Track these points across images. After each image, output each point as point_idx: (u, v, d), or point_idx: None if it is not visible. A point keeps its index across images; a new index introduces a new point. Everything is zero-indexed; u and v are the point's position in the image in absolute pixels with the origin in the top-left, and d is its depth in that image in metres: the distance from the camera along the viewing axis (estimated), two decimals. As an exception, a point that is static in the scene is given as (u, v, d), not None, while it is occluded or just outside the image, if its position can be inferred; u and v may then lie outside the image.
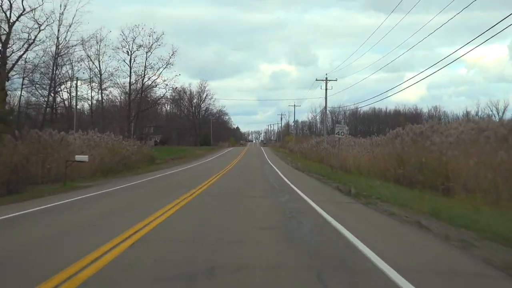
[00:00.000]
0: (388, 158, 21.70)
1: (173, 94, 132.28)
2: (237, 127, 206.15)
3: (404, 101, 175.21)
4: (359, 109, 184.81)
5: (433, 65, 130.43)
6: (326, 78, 47.19)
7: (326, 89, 47.07)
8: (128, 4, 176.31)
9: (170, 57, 54.46)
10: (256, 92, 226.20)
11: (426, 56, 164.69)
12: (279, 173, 25.57)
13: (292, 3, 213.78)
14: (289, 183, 19.12)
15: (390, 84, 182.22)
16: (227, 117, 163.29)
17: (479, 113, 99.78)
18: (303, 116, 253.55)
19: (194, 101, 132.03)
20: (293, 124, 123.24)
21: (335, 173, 22.99)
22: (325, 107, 47.47)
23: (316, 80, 47.56)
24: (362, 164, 23.63)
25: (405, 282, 4.98)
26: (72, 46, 46.30)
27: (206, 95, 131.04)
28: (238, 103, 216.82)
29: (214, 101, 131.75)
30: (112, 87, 54.63)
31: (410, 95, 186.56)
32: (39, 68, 43.00)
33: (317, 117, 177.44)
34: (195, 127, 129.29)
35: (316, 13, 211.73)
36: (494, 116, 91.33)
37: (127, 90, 55.14)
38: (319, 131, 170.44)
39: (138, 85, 55.59)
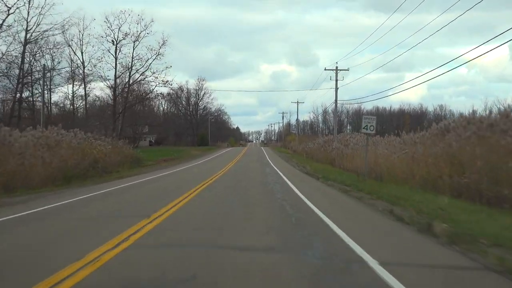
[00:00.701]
0: (435, 160, 15.90)
1: (171, 92, 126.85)
2: (237, 127, 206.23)
3: (408, 101, 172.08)
4: (363, 108, 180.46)
5: (436, 67, 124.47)
6: (336, 67, 41.41)
7: (336, 80, 41.29)
8: (127, 3, 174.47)
9: (161, 47, 48.79)
10: (256, 93, 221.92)
11: (427, 56, 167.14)
12: (287, 181, 19.67)
13: (292, 3, 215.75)
14: (306, 201, 12.75)
15: (390, 84, 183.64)
16: (226, 117, 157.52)
17: (486, 112, 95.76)
18: (304, 116, 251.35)
19: (192, 99, 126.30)
20: (296, 122, 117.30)
21: (363, 181, 17.14)
22: (335, 100, 41.68)
23: (325, 69, 41.94)
24: (397, 168, 17.82)
25: None
26: (45, 31, 40.38)
27: (204, 93, 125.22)
28: (238, 104, 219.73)
29: (212, 99, 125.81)
30: (95, 80, 48.80)
31: (411, 94, 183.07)
32: (6, 57, 37.20)
33: (319, 116, 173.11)
34: (192, 126, 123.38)
35: (316, 13, 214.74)
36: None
37: (112, 83, 49.35)
38: (321, 130, 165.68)
39: (125, 78, 49.85)
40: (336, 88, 41.41)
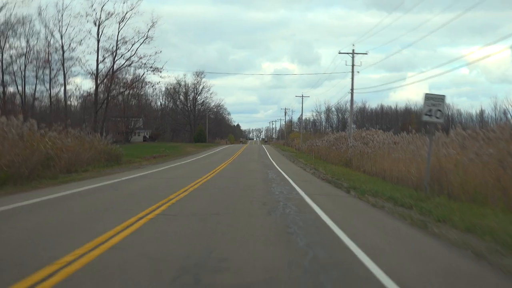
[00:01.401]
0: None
1: (168, 86, 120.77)
2: (238, 125, 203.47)
3: (413, 100, 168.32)
4: (367, 106, 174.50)
5: (437, 66, 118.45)
6: (353, 50, 35.09)
7: (352, 65, 35.00)
8: (129, 1, 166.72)
9: (149, 29, 42.56)
10: (258, 91, 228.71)
11: (429, 55, 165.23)
12: (303, 195, 13.37)
13: (295, 1, 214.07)
14: (350, 246, 6.50)
15: (392, 83, 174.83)
16: (226, 113, 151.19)
17: (496, 113, 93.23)
18: (306, 115, 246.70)
19: (190, 94, 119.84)
20: (298, 119, 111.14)
21: (428, 199, 10.80)
22: (352, 88, 35.32)
23: (339, 53, 35.51)
24: (474, 178, 11.59)
25: None
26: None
27: (203, 87, 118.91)
28: (240, 101, 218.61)
29: (211, 94, 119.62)
30: (74, 66, 42.46)
31: (412, 95, 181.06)
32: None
33: (322, 114, 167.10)
34: (190, 122, 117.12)
35: (319, 12, 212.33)
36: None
37: (93, 70, 43.05)
38: (323, 129, 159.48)
39: (109, 64, 43.57)
40: (353, 76, 35.13)
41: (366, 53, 36.06)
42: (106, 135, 30.89)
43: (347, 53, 35.23)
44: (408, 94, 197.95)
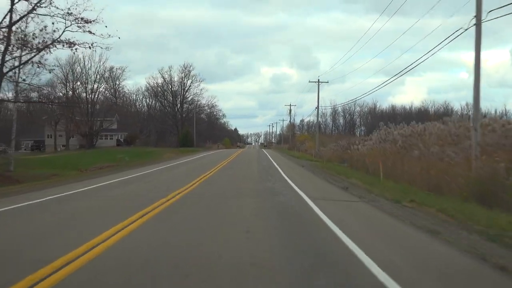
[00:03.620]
0: None
1: (151, 83, 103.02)
2: (235, 129, 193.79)
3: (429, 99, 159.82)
4: (378, 107, 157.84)
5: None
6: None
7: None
8: (128, 5, 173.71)
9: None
10: (257, 96, 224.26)
11: (428, 60, 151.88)
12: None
13: (294, 6, 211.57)
14: None
15: (392, 88, 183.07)
16: (220, 114, 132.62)
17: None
18: (306, 118, 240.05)
19: (176, 91, 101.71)
20: (317, 110, 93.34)
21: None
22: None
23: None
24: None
25: None
26: None
27: (191, 82, 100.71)
28: (238, 106, 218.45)
29: (201, 91, 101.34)
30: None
31: (411, 98, 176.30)
32: None
33: (327, 116, 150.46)
34: (177, 124, 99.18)
35: (318, 16, 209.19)
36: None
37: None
38: (330, 131, 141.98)
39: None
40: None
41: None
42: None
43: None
44: (408, 98, 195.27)
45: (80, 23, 24.67)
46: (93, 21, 24.89)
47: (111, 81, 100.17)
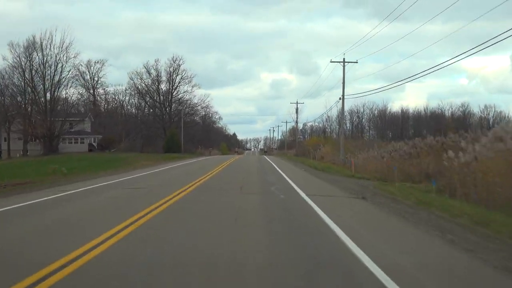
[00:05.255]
0: None
1: (133, 77, 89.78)
2: (234, 134, 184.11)
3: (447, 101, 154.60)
4: (389, 109, 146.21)
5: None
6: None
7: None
8: (128, 10, 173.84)
9: None
10: (256, 101, 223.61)
11: (428, 65, 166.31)
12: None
13: (294, 11, 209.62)
14: None
15: (391, 93, 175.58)
16: (216, 117, 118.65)
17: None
18: (308, 123, 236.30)
19: (163, 87, 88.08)
20: (342, 97, 79.94)
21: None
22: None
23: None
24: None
25: None
26: None
27: (181, 78, 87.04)
28: (237, 112, 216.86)
29: (193, 87, 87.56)
30: None
31: (410, 103, 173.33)
32: None
33: (333, 121, 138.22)
34: (164, 126, 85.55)
35: (319, 21, 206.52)
36: None
37: None
38: (336, 135, 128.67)
39: None
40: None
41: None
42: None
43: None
44: (407, 103, 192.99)
45: None
46: None
47: (89, 76, 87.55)
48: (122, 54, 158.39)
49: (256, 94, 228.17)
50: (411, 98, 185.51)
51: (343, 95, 34.84)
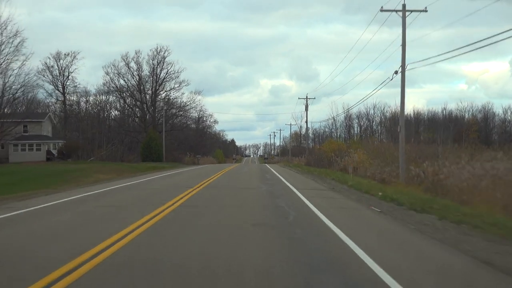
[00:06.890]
0: None
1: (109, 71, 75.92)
2: (232, 140, 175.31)
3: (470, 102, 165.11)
4: (398, 111, 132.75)
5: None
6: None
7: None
8: (127, 18, 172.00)
9: None
10: (255, 107, 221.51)
11: (428, 71, 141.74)
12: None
13: (294, 17, 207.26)
14: None
15: (391, 98, 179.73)
16: (211, 120, 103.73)
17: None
18: (312, 125, 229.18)
19: (145, 84, 73.75)
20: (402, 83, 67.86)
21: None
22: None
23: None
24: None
25: None
26: None
27: (167, 72, 73.01)
28: (237, 118, 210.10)
29: (181, 84, 73.49)
30: None
31: (409, 110, 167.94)
32: None
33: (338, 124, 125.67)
34: (146, 129, 71.33)
35: (318, 28, 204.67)
36: None
37: None
38: (343, 141, 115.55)
39: None
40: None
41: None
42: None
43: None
44: (408, 108, 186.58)
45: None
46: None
47: (58, 72, 73.83)
48: (121, 61, 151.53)
49: (255, 101, 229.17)
50: (410, 104, 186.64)
51: (403, 64, 21.06)
